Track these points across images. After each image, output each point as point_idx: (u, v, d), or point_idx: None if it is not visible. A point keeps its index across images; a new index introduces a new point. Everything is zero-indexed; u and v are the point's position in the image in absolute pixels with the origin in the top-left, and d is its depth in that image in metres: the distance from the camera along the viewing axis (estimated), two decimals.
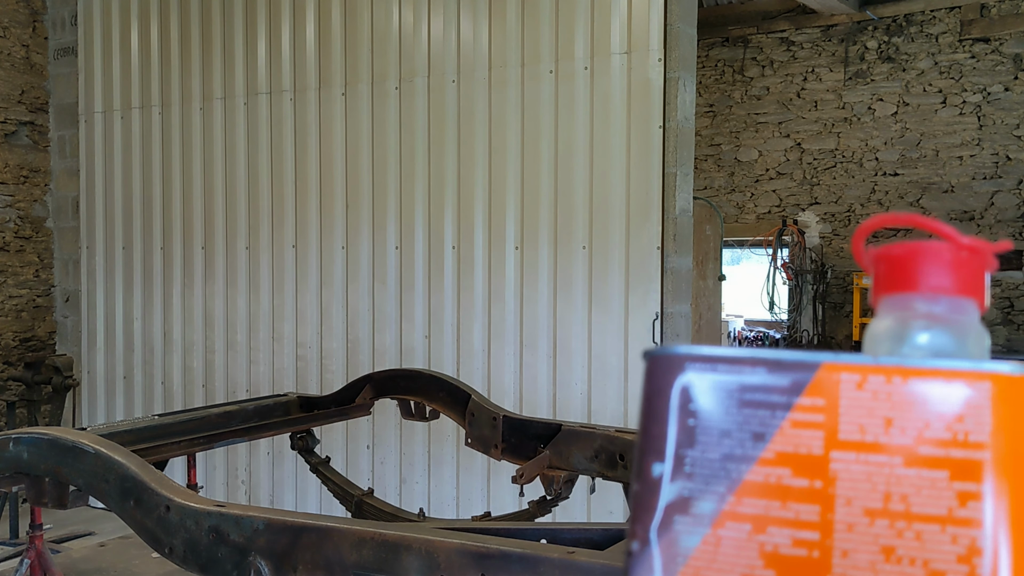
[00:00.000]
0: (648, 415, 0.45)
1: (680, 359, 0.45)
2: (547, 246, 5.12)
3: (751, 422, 0.44)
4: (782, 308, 10.70)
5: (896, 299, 0.47)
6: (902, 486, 0.41)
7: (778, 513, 0.43)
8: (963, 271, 0.46)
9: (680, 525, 0.44)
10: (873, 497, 0.41)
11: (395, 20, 5.61)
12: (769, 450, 0.43)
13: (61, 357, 6.43)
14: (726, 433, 0.44)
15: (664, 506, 0.44)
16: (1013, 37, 9.37)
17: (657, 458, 0.45)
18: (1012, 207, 9.45)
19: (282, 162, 6.07)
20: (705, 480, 0.44)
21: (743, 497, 0.43)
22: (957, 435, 0.41)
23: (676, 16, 4.74)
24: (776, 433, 0.43)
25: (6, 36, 7.02)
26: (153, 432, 3.14)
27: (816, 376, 0.43)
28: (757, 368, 0.44)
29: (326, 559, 1.93)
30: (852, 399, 0.42)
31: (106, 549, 3.98)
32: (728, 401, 0.44)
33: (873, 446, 0.42)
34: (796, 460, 0.43)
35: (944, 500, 0.40)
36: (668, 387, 0.45)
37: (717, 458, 0.44)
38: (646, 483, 0.45)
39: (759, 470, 0.43)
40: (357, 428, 5.65)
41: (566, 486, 3.16)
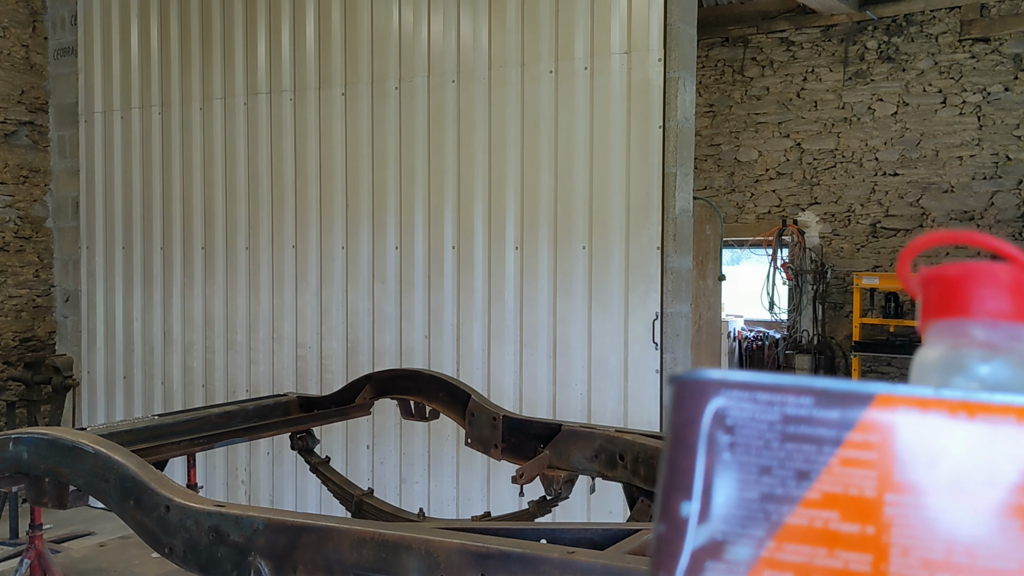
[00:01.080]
0: (675, 447, 0.41)
1: (714, 385, 0.40)
2: (547, 246, 5.12)
3: (795, 458, 0.39)
4: (782, 308, 10.70)
5: (948, 325, 0.43)
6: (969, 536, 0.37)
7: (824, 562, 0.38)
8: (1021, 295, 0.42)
9: (711, 573, 0.39)
10: (934, 548, 0.37)
11: (395, 20, 5.61)
12: (815, 490, 0.39)
13: (61, 357, 6.43)
14: (766, 470, 0.40)
15: (692, 551, 0.40)
16: (1013, 37, 9.37)
17: (685, 496, 0.40)
18: (1012, 207, 9.45)
19: (282, 162, 6.07)
20: (741, 522, 0.40)
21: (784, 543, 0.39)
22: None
23: (676, 16, 4.74)
24: (823, 471, 0.39)
25: (6, 36, 7.02)
26: (153, 432, 3.14)
27: (871, 407, 0.38)
28: (802, 397, 0.39)
29: (326, 559, 1.93)
30: (912, 436, 0.38)
31: (106, 549, 3.98)
32: (769, 434, 0.40)
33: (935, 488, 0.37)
34: (845, 502, 0.38)
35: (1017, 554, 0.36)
36: (699, 416, 0.40)
37: (755, 498, 0.40)
38: (672, 523, 0.40)
39: (803, 512, 0.39)
40: (357, 428, 5.65)
41: (566, 486, 3.16)
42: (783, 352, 10.51)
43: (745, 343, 10.74)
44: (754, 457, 0.40)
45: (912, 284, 0.45)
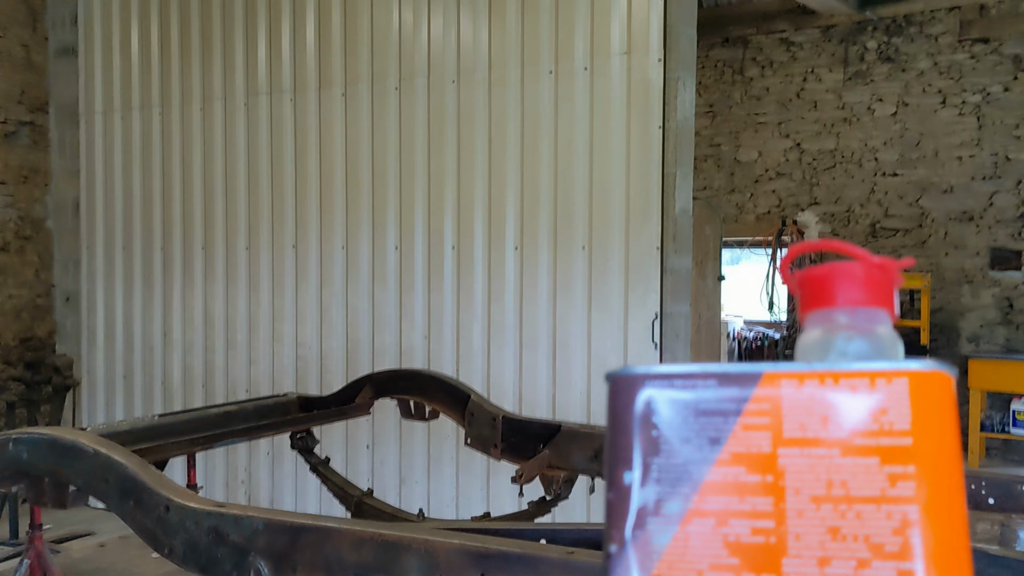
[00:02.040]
0: (615, 429, 0.50)
1: (640, 378, 0.50)
2: (547, 246, 5.13)
3: (707, 429, 0.49)
4: (781, 308, 10.70)
5: (820, 314, 0.53)
6: (841, 473, 0.47)
7: (737, 507, 0.48)
8: (874, 286, 0.53)
9: (652, 525, 0.49)
10: (817, 486, 0.47)
11: (395, 20, 5.61)
12: (725, 452, 0.48)
13: (61, 357, 6.43)
14: (686, 440, 0.49)
15: (636, 510, 0.49)
16: (1013, 37, 9.37)
17: (627, 467, 0.50)
18: (1011, 207, 9.45)
19: (282, 162, 6.07)
20: (671, 483, 0.49)
21: (706, 496, 0.48)
22: (883, 426, 0.47)
23: (676, 16, 4.74)
24: (730, 437, 0.49)
25: (6, 36, 7.02)
26: (153, 432, 3.14)
27: (760, 384, 0.49)
28: (708, 381, 0.49)
29: (325, 559, 1.93)
30: (792, 402, 0.48)
31: (106, 549, 3.98)
32: (685, 412, 0.49)
33: (814, 441, 0.47)
34: (749, 459, 0.48)
35: (877, 482, 0.46)
36: (632, 403, 0.50)
37: (680, 463, 0.49)
38: (619, 491, 0.50)
39: (717, 470, 0.48)
40: (357, 428, 5.65)
41: (566, 486, 3.16)
42: (783, 352, 10.52)
43: (745, 343, 10.74)
44: (676, 431, 0.49)
45: (792, 284, 0.55)
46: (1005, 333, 9.54)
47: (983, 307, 9.61)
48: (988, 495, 2.12)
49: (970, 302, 9.66)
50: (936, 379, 0.47)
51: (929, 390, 0.47)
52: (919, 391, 0.47)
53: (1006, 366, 9.02)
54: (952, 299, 9.73)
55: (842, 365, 0.48)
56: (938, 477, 0.46)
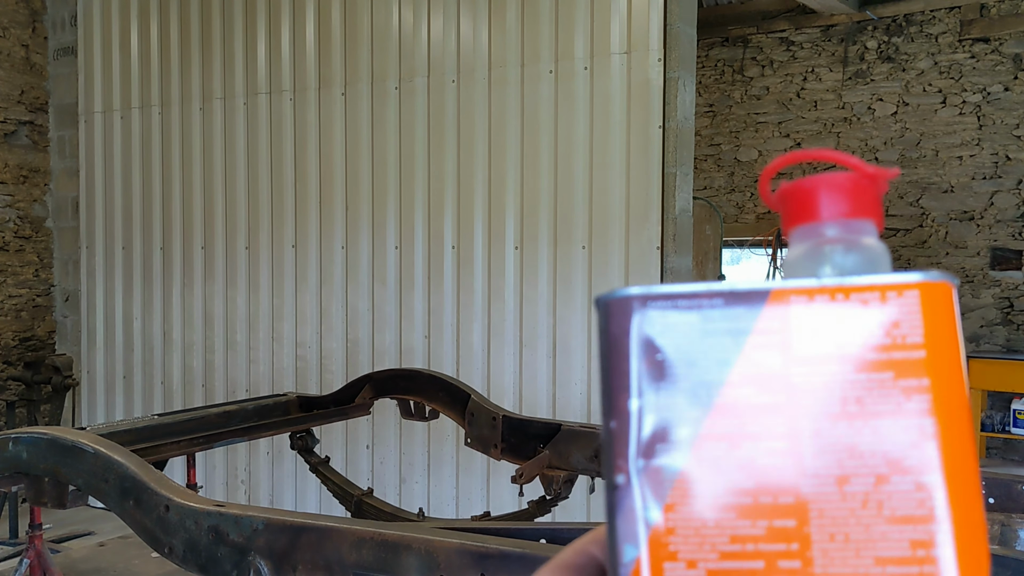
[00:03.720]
0: (614, 354, 0.48)
1: (640, 298, 0.48)
2: (547, 246, 5.12)
3: (715, 350, 0.47)
4: None
5: (806, 229, 0.52)
6: (855, 390, 0.46)
7: (749, 429, 0.46)
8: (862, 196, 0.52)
9: (661, 453, 0.47)
10: (831, 403, 0.46)
11: (395, 20, 5.61)
12: (734, 373, 0.47)
13: (61, 357, 6.43)
14: (693, 363, 0.47)
15: (643, 438, 0.47)
16: (1013, 37, 9.37)
17: (631, 394, 0.47)
18: (1012, 207, 9.45)
19: (282, 162, 6.07)
20: (679, 409, 0.47)
21: (716, 419, 0.47)
22: (896, 339, 0.46)
23: (676, 16, 4.74)
24: (738, 357, 0.47)
25: (6, 36, 7.02)
26: (153, 432, 3.14)
27: (769, 299, 0.47)
28: (714, 300, 0.47)
29: (326, 559, 1.93)
30: (803, 318, 0.46)
31: (106, 549, 3.98)
32: (691, 333, 0.47)
33: (826, 358, 0.46)
34: (759, 379, 0.46)
35: (892, 397, 0.45)
36: (631, 326, 0.48)
37: (688, 387, 0.47)
38: (622, 418, 0.47)
39: (726, 392, 0.47)
40: (356, 428, 5.65)
41: (566, 486, 3.16)
42: None
43: None
44: (682, 354, 0.47)
45: (772, 200, 0.53)
46: (1005, 333, 9.53)
47: (983, 307, 9.61)
48: (988, 495, 2.12)
49: (970, 302, 9.66)
50: (941, 289, 0.46)
51: (938, 301, 0.46)
52: (930, 303, 0.46)
53: (1006, 366, 9.02)
54: None
55: (852, 279, 0.47)
56: (950, 389, 0.45)
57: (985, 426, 9.12)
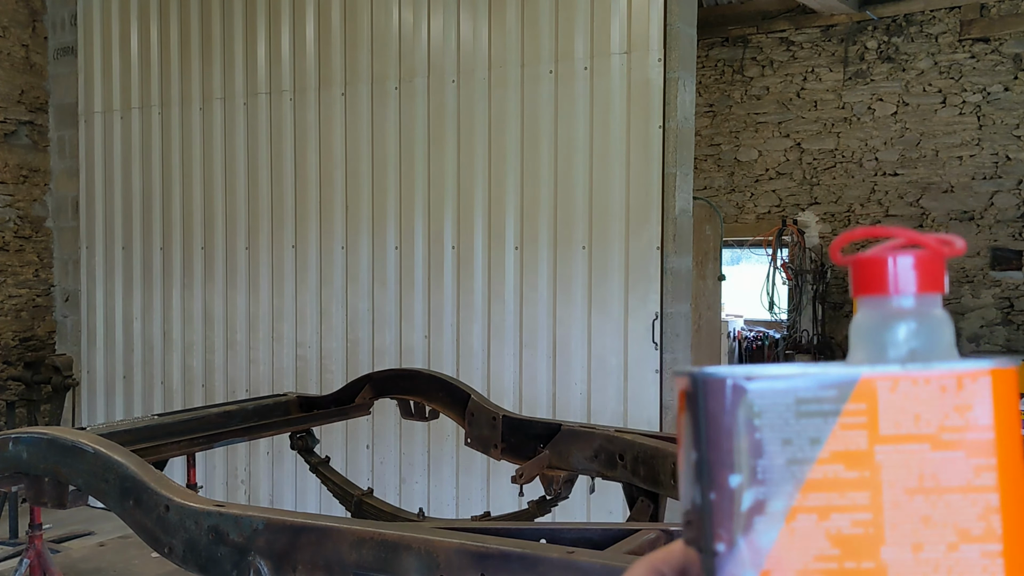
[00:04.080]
0: (713, 430, 0.53)
1: (741, 379, 0.53)
2: (547, 246, 5.12)
3: (807, 429, 0.53)
4: (782, 308, 10.69)
5: (874, 299, 0.57)
6: (932, 467, 0.51)
7: (838, 502, 0.52)
8: (927, 270, 0.57)
9: (759, 524, 0.52)
10: (910, 478, 0.51)
11: (395, 20, 5.61)
12: (825, 451, 0.52)
13: (61, 357, 6.43)
14: (787, 441, 0.53)
15: (743, 510, 0.53)
16: (1013, 37, 9.37)
17: (732, 470, 0.53)
18: (1012, 207, 9.45)
19: (282, 162, 6.07)
20: (775, 483, 0.52)
21: (808, 493, 0.52)
22: (968, 421, 0.51)
23: (676, 16, 4.74)
24: (829, 436, 0.52)
25: (6, 36, 7.02)
26: (153, 432, 3.14)
27: (857, 385, 0.52)
28: (808, 382, 0.53)
29: (325, 559, 1.93)
30: (887, 401, 0.52)
31: (106, 549, 3.98)
32: (787, 413, 0.53)
33: (907, 437, 0.52)
34: (847, 456, 0.52)
35: (963, 474, 0.51)
36: (731, 406, 0.53)
37: (782, 463, 0.53)
38: (724, 493, 0.53)
39: (818, 468, 0.52)
40: (356, 428, 5.65)
41: (565, 486, 3.16)
42: (783, 352, 10.52)
43: (745, 343, 10.74)
44: (778, 432, 0.53)
45: (845, 260, 0.58)
46: (1005, 333, 9.53)
47: (983, 307, 9.61)
48: None
49: (970, 302, 9.66)
50: (1009, 376, 0.52)
51: (1006, 385, 0.52)
52: (999, 388, 0.52)
53: None
54: (952, 299, 9.73)
55: (932, 368, 0.52)
56: (1013, 466, 0.51)
57: None
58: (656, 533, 1.88)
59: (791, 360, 10.41)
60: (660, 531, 1.90)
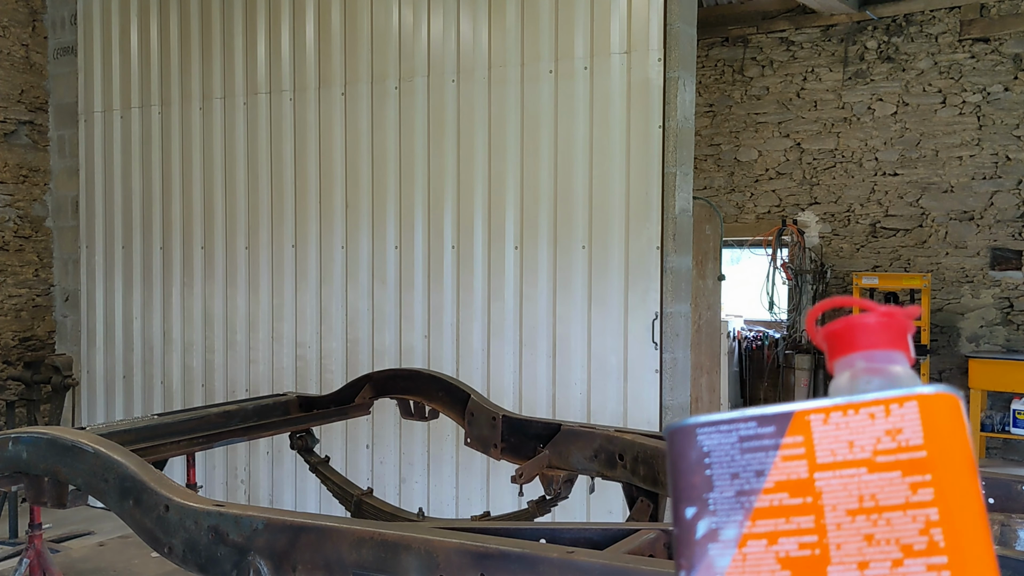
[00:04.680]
0: (676, 473, 0.59)
1: (691, 427, 0.59)
2: (547, 246, 5.12)
3: (752, 463, 0.57)
4: (781, 308, 10.69)
5: (844, 360, 0.62)
6: (870, 488, 0.54)
7: (784, 527, 0.55)
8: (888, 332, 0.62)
9: (713, 551, 0.56)
10: (851, 501, 0.54)
11: (395, 20, 5.61)
12: (769, 481, 0.56)
13: (60, 356, 6.43)
14: (735, 475, 0.57)
15: (698, 538, 0.57)
16: (1013, 37, 9.37)
17: (688, 504, 0.58)
18: (1012, 207, 9.45)
19: (282, 162, 6.07)
20: (726, 513, 0.57)
21: (757, 520, 0.56)
22: (900, 443, 0.54)
23: (676, 16, 4.74)
24: (772, 468, 0.56)
25: (6, 36, 7.02)
26: (152, 432, 3.14)
27: (793, 420, 0.57)
28: (749, 423, 0.58)
29: (325, 559, 1.93)
30: (822, 432, 0.56)
31: (105, 548, 3.98)
32: (732, 451, 0.57)
33: (843, 463, 0.55)
34: (790, 485, 0.56)
35: (901, 492, 0.53)
36: (687, 449, 0.59)
37: (732, 495, 0.57)
38: (682, 525, 0.58)
39: (764, 497, 0.56)
40: (356, 428, 5.65)
41: (565, 486, 3.16)
42: (783, 352, 10.51)
43: (745, 343, 10.74)
44: (726, 468, 0.57)
45: (818, 337, 0.65)
46: (1005, 333, 9.53)
47: (983, 307, 9.61)
48: (988, 495, 2.12)
49: (970, 302, 9.66)
50: (942, 399, 0.55)
51: (937, 408, 0.54)
52: (928, 411, 0.54)
53: (1006, 366, 9.02)
54: (952, 299, 9.73)
55: (860, 396, 0.56)
56: (953, 481, 0.53)
57: (985, 426, 9.12)
58: (656, 533, 1.88)
59: (790, 360, 10.42)
60: (660, 531, 1.90)
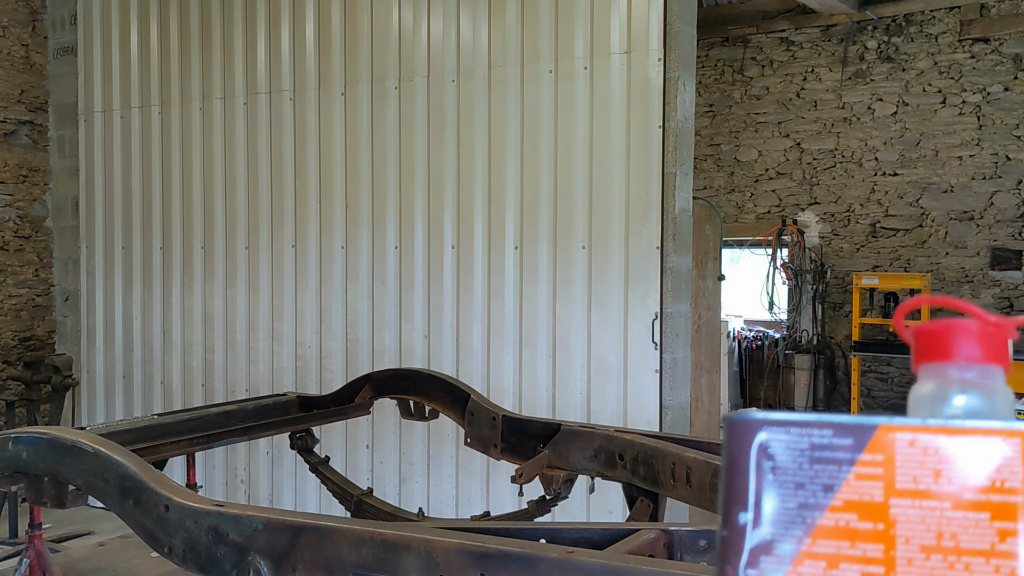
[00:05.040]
0: (732, 470, 0.54)
1: (758, 423, 0.54)
2: (546, 246, 5.12)
3: (821, 476, 0.52)
4: (782, 308, 10.69)
5: (934, 367, 0.56)
6: (951, 526, 0.49)
7: (848, 552, 0.51)
8: (990, 343, 0.56)
9: (765, 564, 0.52)
10: (928, 536, 0.49)
11: (395, 20, 5.61)
12: (838, 499, 0.52)
13: (60, 356, 6.43)
14: (800, 485, 0.53)
15: (750, 548, 0.52)
16: (1013, 37, 9.37)
17: (742, 508, 0.53)
18: (1012, 207, 9.45)
19: (282, 162, 6.07)
20: (784, 526, 0.52)
21: (818, 539, 0.51)
22: (995, 483, 0.49)
23: (676, 16, 4.74)
24: (843, 485, 0.52)
25: (6, 35, 7.02)
26: (152, 431, 3.14)
27: (875, 436, 0.51)
28: (824, 430, 0.53)
29: (325, 559, 1.93)
30: (906, 455, 0.51)
31: (105, 548, 3.98)
32: (801, 458, 0.53)
33: (925, 493, 0.50)
34: (861, 507, 0.51)
35: (987, 537, 0.48)
36: (748, 446, 0.54)
37: (794, 507, 0.52)
38: (733, 529, 0.53)
39: (830, 516, 0.52)
40: (356, 428, 5.65)
41: (565, 486, 3.16)
42: (783, 352, 10.51)
43: (745, 343, 10.73)
44: (791, 476, 0.52)
45: (906, 334, 0.59)
46: None
47: (983, 307, 9.60)
48: None
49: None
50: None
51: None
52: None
53: None
54: None
55: (958, 422, 0.50)
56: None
57: None
58: (656, 533, 1.88)
59: (790, 360, 10.41)
60: (660, 531, 1.90)
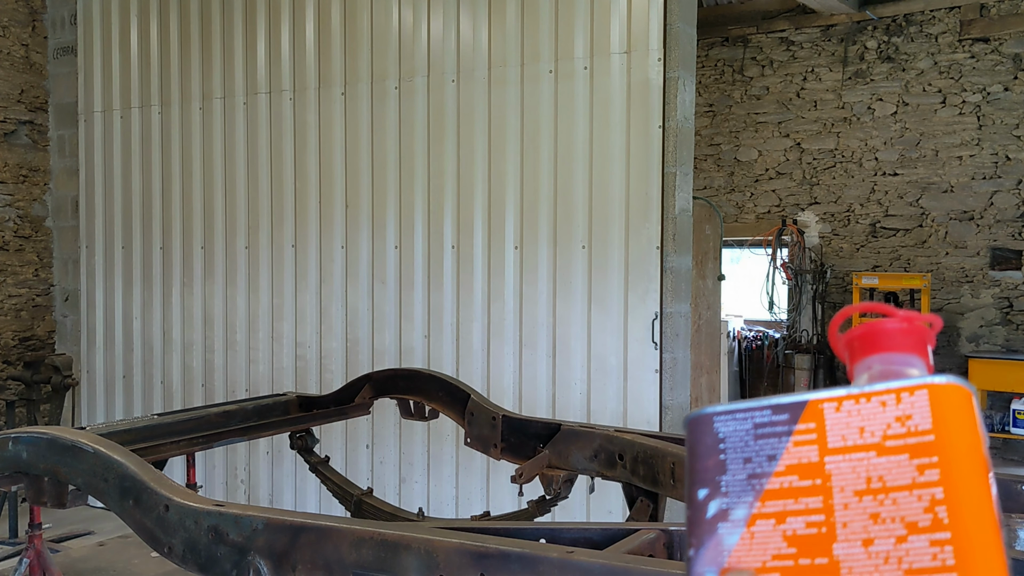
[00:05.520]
0: (692, 458, 0.63)
1: (710, 416, 0.63)
2: (546, 246, 5.12)
3: (765, 448, 0.60)
4: (781, 308, 10.69)
5: (864, 363, 0.65)
6: (878, 470, 0.57)
7: (793, 507, 0.58)
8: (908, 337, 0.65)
9: (722, 529, 0.60)
10: (859, 482, 0.57)
11: (395, 20, 5.61)
12: (780, 464, 0.60)
13: (60, 356, 6.43)
14: (748, 459, 0.61)
15: (709, 518, 0.60)
16: (1013, 37, 9.37)
17: (701, 486, 0.61)
18: (1011, 207, 9.45)
19: (282, 162, 6.07)
20: (737, 495, 0.60)
21: (767, 501, 0.59)
22: (909, 428, 0.57)
23: (676, 16, 4.74)
24: (784, 453, 0.60)
25: (6, 35, 7.02)
26: (152, 431, 3.14)
27: (807, 408, 0.60)
28: (764, 411, 0.61)
29: (325, 559, 1.93)
30: (834, 419, 0.59)
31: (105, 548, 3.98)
32: (747, 436, 0.61)
33: (853, 447, 0.58)
34: (800, 468, 0.59)
35: (908, 473, 0.56)
36: (704, 435, 0.62)
37: (744, 478, 0.60)
38: (695, 505, 0.61)
39: (775, 480, 0.59)
40: (356, 428, 5.65)
41: (565, 486, 3.16)
42: (782, 352, 10.51)
43: (745, 343, 10.73)
44: (740, 453, 0.61)
45: (840, 344, 0.68)
46: (1005, 333, 9.53)
47: (983, 307, 9.60)
48: None
49: (970, 302, 9.66)
50: (953, 389, 0.58)
51: (947, 397, 0.57)
52: (938, 399, 0.57)
53: (1006, 366, 9.02)
54: (952, 299, 9.73)
55: (871, 385, 0.59)
56: (959, 463, 0.56)
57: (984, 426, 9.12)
58: (655, 533, 1.88)
59: (790, 360, 10.41)
60: (659, 531, 1.90)
